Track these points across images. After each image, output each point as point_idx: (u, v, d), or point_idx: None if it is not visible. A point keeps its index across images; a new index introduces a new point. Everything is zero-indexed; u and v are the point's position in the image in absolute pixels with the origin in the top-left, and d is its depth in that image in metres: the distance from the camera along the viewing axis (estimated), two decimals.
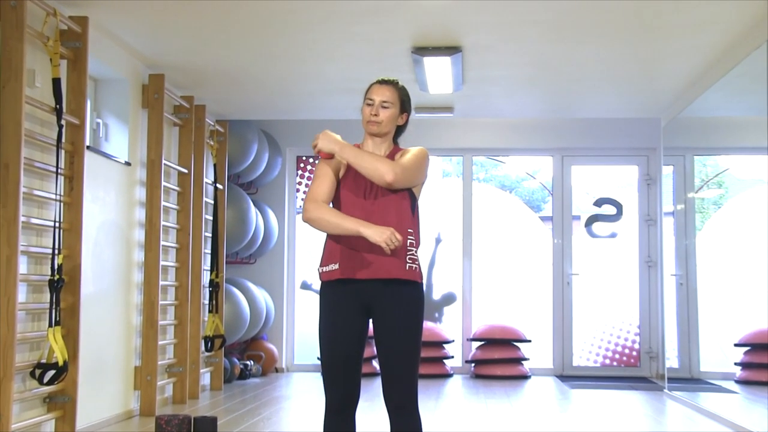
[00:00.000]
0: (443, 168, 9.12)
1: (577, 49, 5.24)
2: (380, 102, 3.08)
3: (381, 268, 2.94)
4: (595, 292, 7.95)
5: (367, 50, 5.26)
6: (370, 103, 3.08)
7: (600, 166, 8.18)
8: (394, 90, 3.11)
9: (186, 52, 5.33)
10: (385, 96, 3.09)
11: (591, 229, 8.01)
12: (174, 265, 5.93)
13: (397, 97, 3.11)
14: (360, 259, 2.95)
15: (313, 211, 2.94)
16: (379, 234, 2.85)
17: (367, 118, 3.07)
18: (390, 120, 3.08)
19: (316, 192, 3.01)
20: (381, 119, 3.06)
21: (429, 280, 8.14)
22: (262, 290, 7.65)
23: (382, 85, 3.11)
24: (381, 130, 3.08)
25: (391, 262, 2.93)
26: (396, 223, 2.96)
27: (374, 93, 3.10)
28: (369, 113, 3.07)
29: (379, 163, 2.93)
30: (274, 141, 7.83)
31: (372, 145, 3.13)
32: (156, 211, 5.44)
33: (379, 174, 2.93)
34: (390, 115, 3.08)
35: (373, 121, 3.06)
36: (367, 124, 3.07)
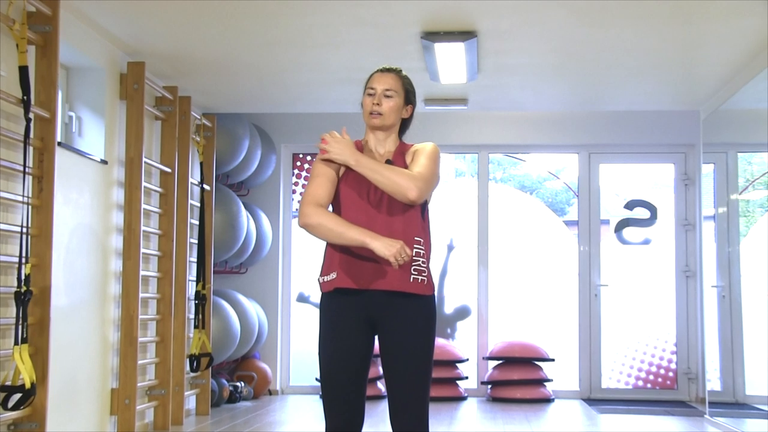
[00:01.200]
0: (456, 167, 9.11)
1: (607, 33, 5.21)
2: (382, 91, 3.08)
3: (383, 278, 2.93)
4: (626, 306, 7.93)
5: (371, 36, 5.25)
6: (372, 93, 3.08)
7: (632, 165, 8.15)
8: (397, 78, 3.11)
9: (169, 37, 5.32)
10: (388, 84, 3.09)
11: (621, 234, 7.99)
12: (156, 275, 5.91)
13: (400, 86, 3.11)
14: (361, 267, 2.94)
15: (311, 216, 2.92)
16: (387, 247, 2.83)
17: (368, 110, 3.07)
18: (394, 111, 3.08)
19: (314, 194, 2.99)
20: (384, 110, 3.06)
21: (440, 291, 8.13)
22: (254, 303, 7.64)
23: (384, 74, 3.11)
24: (384, 122, 3.07)
25: (394, 273, 2.92)
26: (403, 230, 2.95)
27: (375, 82, 3.10)
28: (370, 104, 3.06)
29: (399, 177, 2.92)
30: (267, 137, 7.82)
31: (374, 141, 3.11)
32: (136, 214, 5.42)
33: (401, 191, 2.92)
34: (393, 105, 3.08)
35: (376, 111, 3.06)
36: (369, 117, 3.07)
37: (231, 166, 7.20)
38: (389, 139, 3.12)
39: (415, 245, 2.97)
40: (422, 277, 2.96)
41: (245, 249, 7.30)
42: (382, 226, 2.94)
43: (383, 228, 2.94)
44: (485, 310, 7.97)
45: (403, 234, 2.94)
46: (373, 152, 3.11)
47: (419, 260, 2.97)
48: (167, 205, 6.05)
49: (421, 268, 2.96)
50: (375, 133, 3.11)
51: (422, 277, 2.96)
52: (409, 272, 2.94)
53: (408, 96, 3.14)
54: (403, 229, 2.96)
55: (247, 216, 7.26)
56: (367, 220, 2.95)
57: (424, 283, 2.97)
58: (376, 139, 3.12)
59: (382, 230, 2.93)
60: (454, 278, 8.15)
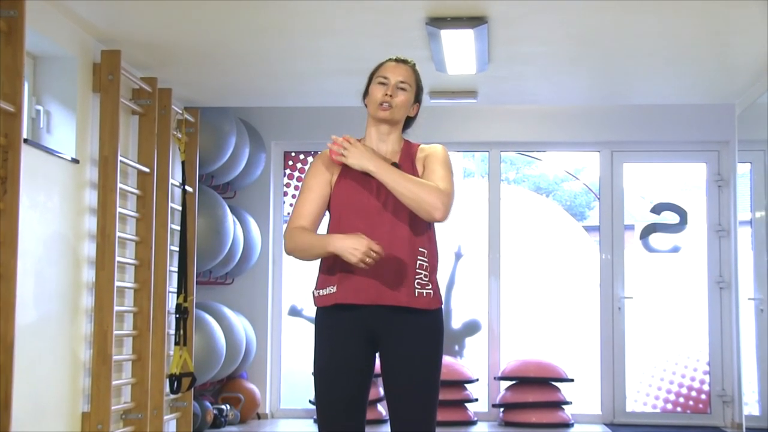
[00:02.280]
0: (464, 166, 9.10)
1: (632, 18, 5.20)
2: (396, 82, 3.12)
3: (384, 292, 2.94)
4: (653, 320, 7.92)
5: (370, 22, 5.24)
6: (384, 82, 3.10)
7: (659, 164, 8.15)
8: (412, 72, 3.16)
9: (148, 23, 5.30)
10: (403, 76, 3.13)
11: (648, 241, 7.98)
12: (132, 286, 5.90)
13: (414, 81, 3.18)
14: (361, 281, 2.95)
15: (287, 243, 3.05)
16: (350, 250, 2.84)
17: (378, 100, 3.09)
18: (404, 106, 3.12)
19: (297, 215, 3.07)
20: (397, 102, 3.09)
21: (447, 304, 8.12)
22: (241, 317, 7.63)
23: (399, 64, 3.16)
24: (394, 116, 3.09)
25: (396, 286, 2.93)
26: (408, 240, 2.95)
27: (389, 71, 3.13)
28: (382, 94, 3.08)
29: (425, 192, 2.95)
30: (256, 133, 7.81)
31: (377, 136, 3.12)
32: (110, 219, 5.41)
33: (425, 208, 2.95)
34: (405, 100, 3.12)
35: (387, 103, 3.06)
36: (378, 108, 3.09)
37: (216, 165, 7.19)
38: (392, 136, 3.14)
39: (418, 257, 2.97)
40: (427, 290, 2.96)
41: (231, 257, 7.29)
42: (384, 235, 2.95)
43: (386, 237, 2.94)
44: (497, 324, 7.95)
45: (408, 244, 2.95)
46: (375, 150, 3.11)
47: (422, 273, 2.98)
48: (145, 209, 6.03)
49: (424, 282, 2.96)
50: (379, 126, 3.12)
51: (427, 290, 2.96)
52: (412, 286, 2.94)
53: (418, 93, 3.18)
54: (408, 238, 2.97)
55: (233, 221, 7.25)
56: (367, 228, 2.95)
57: (430, 296, 2.98)
58: (378, 134, 3.13)
59: (384, 240, 2.93)
60: (463, 290, 8.15)
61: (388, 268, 2.97)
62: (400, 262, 2.98)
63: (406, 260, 2.98)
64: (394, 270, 2.97)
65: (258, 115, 7.95)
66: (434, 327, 3.01)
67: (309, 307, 8.01)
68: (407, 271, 2.98)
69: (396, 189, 2.94)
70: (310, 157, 8.22)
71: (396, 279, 2.97)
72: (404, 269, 2.98)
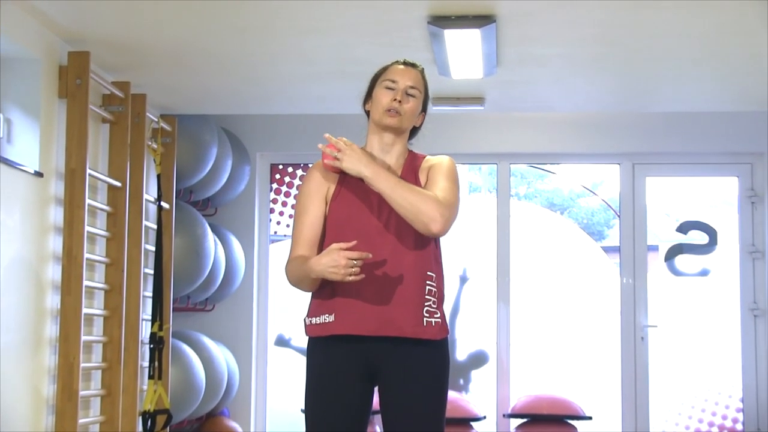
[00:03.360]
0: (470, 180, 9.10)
1: (656, 16, 5.20)
2: (406, 87, 3.14)
3: (388, 322, 2.93)
4: (679, 351, 7.91)
5: (367, 20, 5.24)
6: (392, 87, 3.12)
7: (686, 178, 8.15)
8: (421, 78, 3.21)
9: (120, 21, 5.30)
10: (412, 81, 3.17)
11: (673, 264, 7.97)
12: (102, 313, 5.88)
13: (423, 87, 3.22)
14: (363, 310, 2.95)
15: (287, 275, 3.10)
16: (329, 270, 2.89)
17: (386, 105, 3.11)
18: (413, 114, 3.16)
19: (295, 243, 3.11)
20: (406, 109, 3.11)
21: (452, 333, 8.10)
22: (223, 348, 7.60)
23: (408, 69, 3.19)
24: (402, 124, 3.11)
25: (402, 315, 2.92)
26: (414, 263, 2.95)
27: (398, 74, 3.16)
28: (390, 99, 3.09)
29: (423, 202, 2.95)
30: (239, 143, 7.80)
31: (380, 146, 3.13)
32: (77, 239, 5.39)
33: (422, 220, 2.95)
34: (414, 107, 3.17)
35: (395, 109, 3.06)
36: (385, 114, 3.10)
37: (195, 179, 7.17)
38: (397, 147, 3.15)
39: (427, 281, 2.97)
40: (435, 319, 2.96)
41: (212, 281, 7.27)
42: (387, 259, 2.94)
43: (389, 261, 2.94)
44: (506, 356, 7.93)
45: (414, 268, 2.94)
46: (377, 160, 3.10)
47: (431, 300, 2.99)
48: (116, 228, 6.01)
49: (433, 309, 2.96)
50: (382, 135, 3.13)
51: (435, 319, 2.96)
52: (420, 314, 2.93)
53: (425, 101, 3.21)
54: (415, 261, 2.97)
55: (214, 240, 7.23)
56: (367, 248, 2.93)
57: (438, 325, 2.97)
58: (381, 144, 3.14)
59: (388, 264, 2.93)
60: (468, 317, 8.13)
61: (393, 294, 2.97)
62: (406, 287, 2.98)
63: (412, 285, 2.98)
64: (400, 297, 2.97)
65: (242, 123, 7.93)
66: (440, 359, 3.01)
67: (298, 337, 7.99)
68: (414, 298, 2.98)
69: (391, 197, 2.94)
70: (300, 170, 8.21)
71: (401, 307, 2.97)
72: (411, 296, 2.98)
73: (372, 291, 2.92)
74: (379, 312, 2.94)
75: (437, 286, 3.01)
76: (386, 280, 2.98)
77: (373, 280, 2.97)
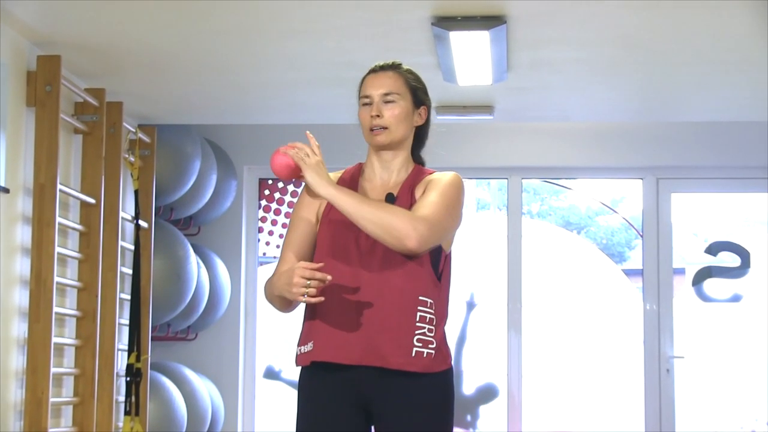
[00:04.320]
0: (478, 197, 9.08)
1: (683, 16, 5.20)
2: (381, 96, 3.13)
3: (372, 351, 2.94)
4: (708, 384, 7.90)
5: (364, 21, 5.24)
6: (368, 102, 3.14)
7: (715, 194, 8.15)
8: (397, 76, 3.17)
9: (94, 22, 5.30)
10: (386, 86, 3.14)
11: (702, 289, 7.96)
12: (73, 342, 5.87)
13: (403, 85, 3.17)
14: (343, 335, 2.95)
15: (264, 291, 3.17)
16: (286, 290, 2.95)
17: (368, 125, 3.12)
18: (401, 120, 3.12)
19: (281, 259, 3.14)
20: (388, 120, 3.09)
21: (458, 364, 8.09)
22: (206, 381, 7.59)
23: (378, 74, 3.18)
24: (392, 137, 3.09)
25: (388, 344, 2.93)
26: (401, 288, 2.96)
27: (369, 87, 3.16)
28: (368, 117, 3.08)
29: (392, 218, 2.94)
30: (225, 156, 7.79)
31: (379, 165, 3.14)
32: (47, 261, 5.38)
33: (393, 236, 2.94)
34: (399, 112, 3.12)
35: (377, 126, 3.08)
36: (371, 134, 3.11)
37: (176, 195, 7.17)
38: (398, 161, 3.14)
39: (419, 307, 2.95)
40: (429, 349, 2.94)
41: (195, 307, 7.26)
42: (372, 282, 2.96)
43: (374, 284, 2.95)
44: (518, 389, 7.92)
45: (401, 292, 2.93)
46: (376, 181, 3.11)
47: (424, 327, 2.97)
48: (90, 249, 6.01)
49: (427, 338, 2.95)
50: (380, 154, 3.13)
51: (429, 349, 2.94)
52: (410, 342, 2.93)
53: (416, 94, 3.18)
54: (404, 285, 2.96)
55: (197, 263, 7.22)
56: (351, 274, 2.95)
57: (431, 357, 2.95)
58: (381, 162, 3.15)
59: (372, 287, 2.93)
60: (476, 347, 8.11)
61: (378, 321, 2.97)
62: (393, 313, 2.97)
63: (400, 311, 2.97)
64: (386, 323, 2.96)
65: (228, 134, 7.93)
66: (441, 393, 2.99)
67: (289, 369, 7.96)
68: (403, 325, 2.97)
69: (355, 216, 2.93)
70: (291, 186, 8.21)
71: (387, 335, 2.96)
72: (398, 322, 2.97)
73: (356, 317, 2.93)
74: (364, 339, 2.94)
75: (436, 312, 2.99)
76: (372, 305, 2.97)
77: (358, 305, 2.97)
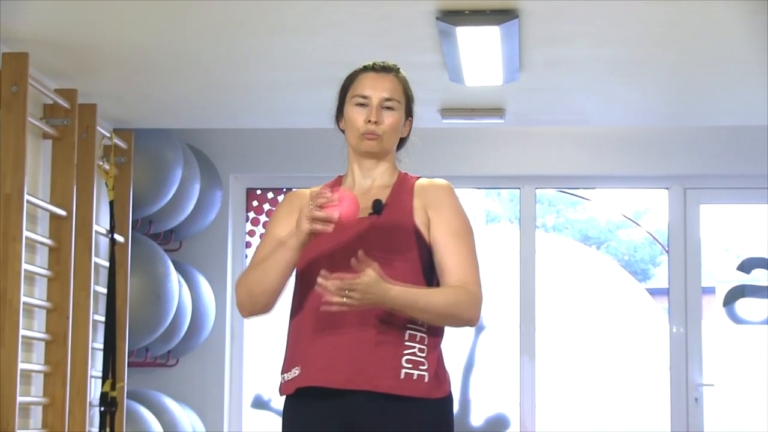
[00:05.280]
0: (487, 208, 9.08)
1: (715, 11, 5.21)
2: (381, 101, 3.14)
3: (360, 373, 2.97)
4: (741, 414, 7.90)
5: (363, 16, 5.26)
6: (364, 103, 3.15)
7: (747, 206, 8.15)
8: (397, 82, 3.21)
9: (65, 17, 5.31)
10: (388, 91, 3.16)
11: (734, 309, 7.97)
12: (42, 369, 5.87)
13: (402, 92, 3.22)
14: (329, 357, 2.97)
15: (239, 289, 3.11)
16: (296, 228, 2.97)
17: (361, 129, 3.14)
18: (395, 130, 3.20)
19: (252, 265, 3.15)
20: (385, 129, 3.13)
21: (466, 392, 8.09)
22: (188, 410, 7.58)
23: (381, 75, 3.19)
24: (382, 147, 3.14)
25: (376, 366, 2.94)
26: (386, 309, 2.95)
27: (368, 86, 3.16)
28: (364, 120, 3.09)
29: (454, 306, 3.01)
30: (209, 164, 7.80)
31: (360, 173, 3.17)
32: (13, 278, 5.38)
33: (460, 325, 3.06)
34: (396, 121, 3.18)
35: (372, 132, 3.09)
36: (361, 139, 3.14)
37: (156, 207, 7.17)
38: (381, 169, 3.18)
39: (408, 325, 3.00)
40: (420, 371, 2.96)
41: (176, 330, 7.26)
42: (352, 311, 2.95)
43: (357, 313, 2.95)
44: (531, 420, 7.91)
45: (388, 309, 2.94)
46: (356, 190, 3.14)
47: (414, 347, 2.99)
48: (60, 266, 6.01)
49: (418, 359, 2.96)
50: (362, 161, 3.15)
51: (420, 371, 2.96)
52: (399, 363, 2.94)
53: (409, 104, 3.25)
54: None
55: (178, 281, 7.22)
56: None
57: (423, 380, 2.96)
58: (362, 170, 3.18)
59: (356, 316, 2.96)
60: (486, 374, 8.11)
61: (366, 341, 2.98)
62: (380, 333, 2.99)
63: (387, 330, 2.99)
64: (373, 344, 2.98)
65: (212, 139, 7.93)
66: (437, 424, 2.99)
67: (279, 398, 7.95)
68: (390, 346, 2.99)
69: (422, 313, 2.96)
70: (281, 196, 8.21)
71: (375, 356, 2.98)
72: (385, 342, 2.99)
73: (342, 337, 2.95)
74: (351, 361, 2.96)
75: (428, 330, 3.00)
76: (359, 324, 2.99)
77: (344, 325, 2.99)
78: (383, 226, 3.07)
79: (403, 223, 3.07)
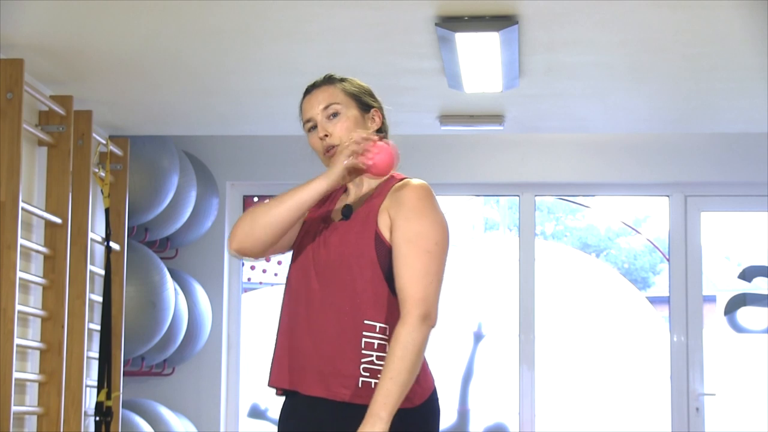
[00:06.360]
0: (486, 216, 9.08)
1: (716, 16, 5.21)
2: (322, 113, 3.28)
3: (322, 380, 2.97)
4: (742, 424, 7.90)
5: (362, 22, 5.25)
6: (312, 126, 3.29)
7: (749, 214, 8.15)
8: (331, 88, 3.32)
9: (60, 23, 5.31)
10: (322, 101, 3.30)
11: (735, 318, 7.96)
12: (36, 378, 5.85)
13: (341, 93, 3.30)
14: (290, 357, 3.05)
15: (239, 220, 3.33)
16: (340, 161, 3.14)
17: (321, 149, 3.27)
18: (351, 130, 3.24)
19: None
20: (338, 136, 3.22)
21: (464, 402, 8.08)
22: (185, 420, 7.57)
23: (313, 93, 3.35)
24: None
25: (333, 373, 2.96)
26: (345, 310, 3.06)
27: (307, 110, 3.33)
28: (318, 141, 3.26)
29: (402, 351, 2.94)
30: (206, 171, 7.79)
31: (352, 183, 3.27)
32: (8, 287, 5.37)
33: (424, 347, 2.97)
34: (347, 121, 3.25)
35: (330, 146, 3.23)
36: (326, 158, 3.26)
37: (152, 214, 7.17)
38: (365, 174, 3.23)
39: (364, 332, 3.00)
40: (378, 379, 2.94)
41: (172, 339, 7.25)
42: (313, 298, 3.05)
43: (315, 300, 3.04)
44: (531, 430, 7.89)
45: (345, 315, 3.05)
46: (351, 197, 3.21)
47: (371, 355, 2.99)
48: (55, 274, 6.00)
49: (375, 368, 2.97)
50: None
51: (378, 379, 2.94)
52: (357, 370, 2.96)
53: (361, 100, 3.31)
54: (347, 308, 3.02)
55: (174, 289, 7.21)
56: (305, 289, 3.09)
57: None
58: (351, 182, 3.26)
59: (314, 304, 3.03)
60: (485, 383, 8.10)
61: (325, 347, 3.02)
62: (338, 339, 3.01)
63: (343, 337, 3.01)
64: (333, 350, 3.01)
65: (208, 147, 7.93)
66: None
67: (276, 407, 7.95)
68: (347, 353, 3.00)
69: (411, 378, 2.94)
70: None
71: (330, 361, 3.01)
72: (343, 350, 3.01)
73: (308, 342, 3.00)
74: (314, 366, 3.00)
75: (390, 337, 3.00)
76: (321, 329, 3.04)
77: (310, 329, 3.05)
78: (349, 230, 3.11)
79: (366, 226, 3.09)
